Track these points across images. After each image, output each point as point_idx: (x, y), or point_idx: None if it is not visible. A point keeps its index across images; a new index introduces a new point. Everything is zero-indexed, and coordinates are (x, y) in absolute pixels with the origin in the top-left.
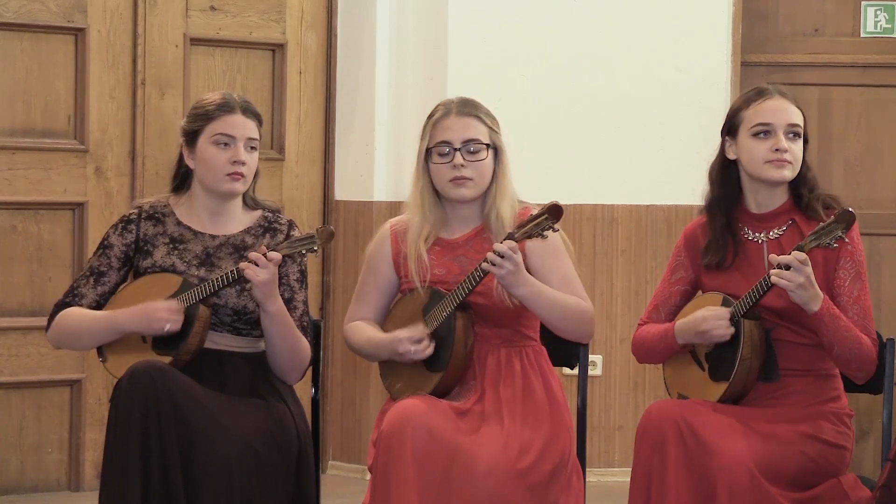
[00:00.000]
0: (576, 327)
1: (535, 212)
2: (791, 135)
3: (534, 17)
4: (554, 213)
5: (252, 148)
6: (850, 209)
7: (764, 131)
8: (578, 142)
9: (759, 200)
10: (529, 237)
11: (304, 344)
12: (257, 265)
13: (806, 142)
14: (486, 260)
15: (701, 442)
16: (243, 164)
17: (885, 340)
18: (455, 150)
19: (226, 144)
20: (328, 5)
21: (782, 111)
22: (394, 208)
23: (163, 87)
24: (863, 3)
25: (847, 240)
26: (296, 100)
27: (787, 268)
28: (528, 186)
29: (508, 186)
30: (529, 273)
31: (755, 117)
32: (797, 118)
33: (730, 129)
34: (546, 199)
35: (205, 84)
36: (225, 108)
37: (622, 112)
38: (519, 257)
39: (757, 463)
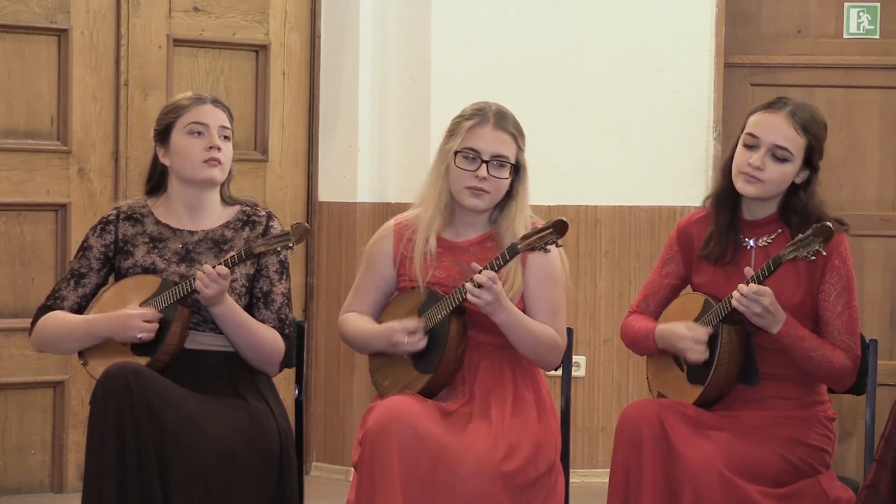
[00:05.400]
0: (540, 358)
1: (540, 225)
2: (773, 156)
3: (517, 19)
4: (559, 228)
5: (226, 137)
6: (828, 223)
7: (751, 144)
8: (561, 143)
9: (751, 209)
10: (532, 249)
11: (270, 338)
12: (203, 284)
13: (814, 170)
14: (463, 288)
15: (670, 444)
16: (219, 149)
17: (867, 341)
18: (483, 161)
19: (199, 133)
20: (312, 6)
21: (774, 129)
22: (377, 209)
23: (146, 88)
24: (845, 4)
25: (825, 253)
26: (279, 101)
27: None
28: None
29: (525, 205)
30: (522, 290)
31: (750, 126)
32: (785, 142)
33: (742, 127)
34: (531, 200)
35: (188, 85)
36: (195, 100)
37: (605, 113)
38: (499, 287)
39: (730, 464)
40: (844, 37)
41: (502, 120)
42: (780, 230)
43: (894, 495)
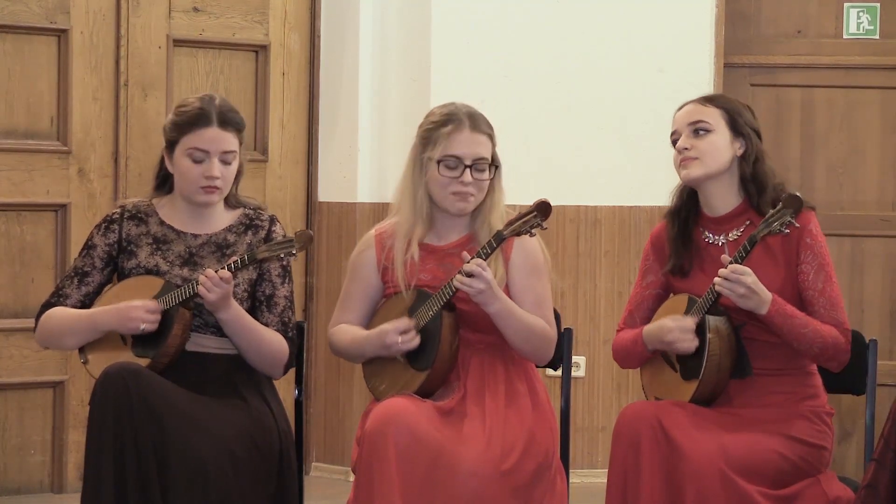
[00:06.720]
0: (535, 350)
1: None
2: (695, 131)
3: (517, 19)
4: (542, 210)
5: (227, 161)
6: (797, 193)
7: (674, 139)
8: (561, 143)
9: (711, 204)
10: (518, 234)
11: (275, 342)
12: (206, 288)
13: (745, 137)
14: (455, 277)
15: (672, 443)
16: (216, 178)
17: (867, 341)
18: (466, 166)
19: (200, 160)
20: (311, 6)
21: (684, 114)
22: (377, 210)
23: (146, 89)
24: (845, 4)
25: (798, 225)
26: (279, 101)
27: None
28: (511, 188)
29: (501, 200)
30: (507, 283)
31: (671, 128)
32: (698, 115)
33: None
34: (529, 201)
35: (188, 85)
36: (201, 120)
37: (605, 113)
38: (489, 274)
39: (731, 462)
40: (844, 37)
41: (477, 121)
42: (748, 221)
43: (893, 495)
